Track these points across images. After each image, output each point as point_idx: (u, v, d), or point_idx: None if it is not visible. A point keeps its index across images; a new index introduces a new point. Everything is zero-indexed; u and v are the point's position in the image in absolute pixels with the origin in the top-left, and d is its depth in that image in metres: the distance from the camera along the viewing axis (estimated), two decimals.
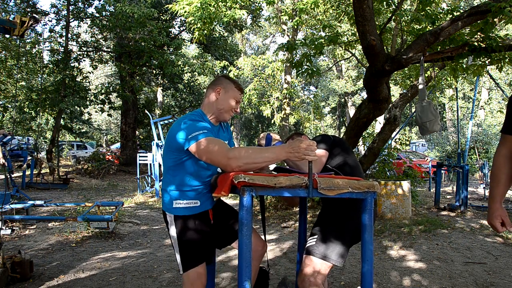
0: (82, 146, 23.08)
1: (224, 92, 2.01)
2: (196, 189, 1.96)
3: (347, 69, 28.79)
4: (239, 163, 1.67)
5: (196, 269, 1.94)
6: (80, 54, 15.83)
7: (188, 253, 1.93)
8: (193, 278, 1.93)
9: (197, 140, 1.77)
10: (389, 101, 5.33)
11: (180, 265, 1.95)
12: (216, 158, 1.73)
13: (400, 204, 6.16)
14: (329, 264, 2.00)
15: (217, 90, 2.01)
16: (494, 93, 25.75)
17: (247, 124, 35.60)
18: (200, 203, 1.97)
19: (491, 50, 3.96)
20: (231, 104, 2.02)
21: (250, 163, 1.68)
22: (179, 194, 1.94)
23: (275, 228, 5.77)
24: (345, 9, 6.74)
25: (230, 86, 2.03)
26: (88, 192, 10.41)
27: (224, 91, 2.01)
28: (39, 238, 5.02)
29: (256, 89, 12.90)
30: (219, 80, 2.06)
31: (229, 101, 2.01)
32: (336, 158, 2.18)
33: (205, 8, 5.82)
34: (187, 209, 1.95)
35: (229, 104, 2.02)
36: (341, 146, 2.23)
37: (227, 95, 2.01)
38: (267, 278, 2.32)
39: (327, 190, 1.65)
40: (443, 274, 3.61)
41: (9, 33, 3.33)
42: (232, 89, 2.02)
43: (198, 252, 1.95)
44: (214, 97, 2.01)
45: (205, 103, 2.05)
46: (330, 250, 2.00)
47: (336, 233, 2.03)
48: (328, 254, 1.99)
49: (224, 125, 2.17)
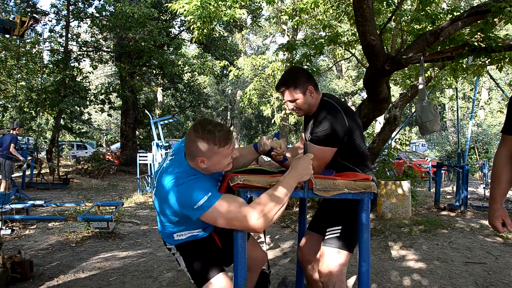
0: (82, 146, 23.09)
1: (208, 160, 1.63)
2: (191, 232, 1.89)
3: (347, 69, 28.82)
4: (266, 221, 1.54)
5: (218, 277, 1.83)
6: (80, 54, 15.82)
7: (198, 268, 1.85)
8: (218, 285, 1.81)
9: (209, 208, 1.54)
10: (389, 101, 5.33)
11: (194, 284, 1.88)
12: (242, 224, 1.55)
13: (400, 204, 6.16)
14: (351, 254, 2.03)
15: (199, 160, 1.63)
16: (494, 93, 25.76)
17: (247, 124, 35.61)
18: (202, 230, 1.89)
19: (491, 50, 3.96)
20: (222, 165, 1.68)
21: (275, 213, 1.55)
22: (181, 229, 1.85)
23: (275, 228, 5.77)
24: (345, 9, 6.74)
25: (211, 150, 1.60)
26: (88, 192, 10.41)
27: (208, 160, 1.63)
28: (39, 238, 5.02)
29: (256, 89, 12.89)
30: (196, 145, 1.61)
31: (217, 166, 1.67)
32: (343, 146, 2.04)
33: (205, 7, 5.81)
34: (190, 237, 1.87)
35: (221, 166, 1.68)
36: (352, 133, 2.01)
37: (212, 161, 1.63)
38: (267, 281, 2.32)
39: (322, 191, 1.66)
40: (443, 274, 3.61)
41: (9, 33, 3.34)
42: (214, 152, 1.61)
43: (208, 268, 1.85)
44: (200, 166, 1.66)
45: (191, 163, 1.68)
46: (354, 240, 2.00)
47: (355, 224, 1.94)
48: (353, 244, 2.00)
49: None
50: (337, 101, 2.10)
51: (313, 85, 2.06)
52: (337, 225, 2.03)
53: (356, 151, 2.05)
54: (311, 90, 2.05)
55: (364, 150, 2.11)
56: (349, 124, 1.97)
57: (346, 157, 2.06)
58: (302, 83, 2.05)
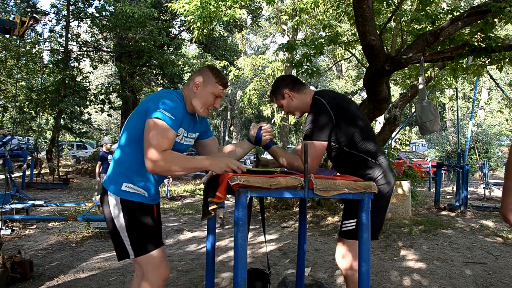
0: (82, 146, 23.09)
1: (203, 86, 1.84)
2: (146, 181, 1.83)
3: (347, 69, 28.81)
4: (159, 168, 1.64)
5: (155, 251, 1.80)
6: (80, 54, 15.83)
7: (141, 238, 1.79)
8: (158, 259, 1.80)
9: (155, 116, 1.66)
10: (389, 101, 5.33)
11: (131, 250, 1.78)
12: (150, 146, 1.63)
13: (400, 204, 6.16)
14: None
15: (196, 82, 1.84)
16: (494, 93, 25.76)
17: (247, 124, 35.59)
18: (147, 195, 1.84)
19: (491, 50, 3.96)
20: (208, 100, 1.86)
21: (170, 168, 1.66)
22: (131, 178, 1.79)
23: (275, 228, 5.76)
24: (345, 9, 6.74)
25: (211, 80, 1.85)
26: (88, 192, 10.41)
27: (203, 86, 1.84)
28: (39, 238, 5.02)
29: (256, 89, 12.89)
30: (202, 71, 1.88)
31: (206, 97, 1.85)
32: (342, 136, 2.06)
33: (205, 7, 5.81)
34: (134, 195, 1.79)
35: (206, 100, 1.85)
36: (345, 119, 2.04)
37: (205, 89, 1.84)
38: (267, 281, 2.32)
39: (323, 191, 1.66)
40: (443, 274, 3.61)
41: (9, 33, 3.33)
42: (212, 83, 1.84)
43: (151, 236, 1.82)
44: (192, 89, 1.85)
45: (185, 88, 1.89)
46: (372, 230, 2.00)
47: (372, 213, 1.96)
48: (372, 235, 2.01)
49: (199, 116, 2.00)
50: (329, 95, 2.13)
51: (289, 88, 2.18)
52: (352, 218, 2.09)
53: (358, 138, 2.07)
54: (288, 93, 2.18)
55: (367, 135, 2.11)
56: (335, 115, 2.01)
57: (351, 146, 2.08)
58: (278, 90, 2.22)
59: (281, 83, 2.22)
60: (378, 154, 2.12)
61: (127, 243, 1.78)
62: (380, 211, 2.13)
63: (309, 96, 2.16)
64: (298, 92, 2.17)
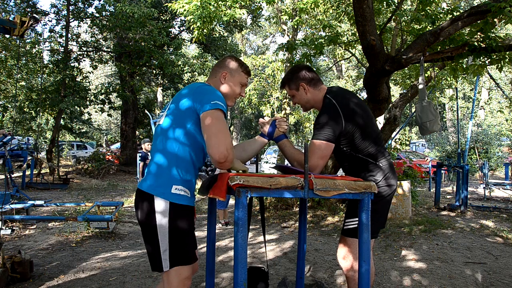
0: (82, 146, 23.09)
1: (230, 76, 1.89)
2: (191, 177, 1.74)
3: (347, 69, 28.82)
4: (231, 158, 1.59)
5: (188, 267, 1.69)
6: (80, 54, 15.83)
7: (181, 248, 1.67)
8: (184, 276, 1.67)
9: (216, 108, 1.62)
10: (389, 101, 5.34)
11: (167, 260, 1.64)
12: (217, 141, 1.56)
13: (400, 204, 6.16)
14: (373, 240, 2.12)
15: (223, 74, 1.88)
16: (494, 93, 25.75)
17: (247, 124, 35.62)
18: (190, 194, 1.73)
19: (491, 50, 3.96)
20: (236, 90, 1.91)
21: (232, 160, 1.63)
22: (181, 179, 1.68)
23: (275, 228, 5.77)
24: (345, 9, 6.74)
25: (237, 70, 1.90)
26: (88, 192, 10.41)
27: (230, 76, 1.89)
28: (39, 238, 5.02)
29: (256, 89, 12.90)
30: (226, 62, 1.92)
31: (234, 87, 1.90)
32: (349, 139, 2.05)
33: (205, 7, 5.82)
34: (183, 198, 1.68)
35: (234, 91, 1.91)
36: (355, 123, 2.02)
37: (233, 80, 1.89)
38: (266, 279, 2.31)
39: (323, 191, 1.66)
40: (443, 274, 3.61)
41: (9, 33, 3.33)
42: (238, 73, 1.91)
43: (190, 247, 1.72)
44: (219, 81, 1.88)
45: (211, 81, 1.91)
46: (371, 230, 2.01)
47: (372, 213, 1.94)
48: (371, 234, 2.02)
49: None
50: (342, 95, 2.11)
51: (306, 82, 2.14)
52: (356, 216, 2.08)
53: (363, 141, 2.06)
54: (304, 86, 2.14)
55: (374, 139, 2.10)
56: (345, 118, 2.00)
57: (355, 149, 2.07)
58: (295, 80, 2.17)
59: (299, 74, 2.16)
60: (379, 156, 2.11)
61: (164, 251, 1.65)
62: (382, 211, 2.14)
63: (322, 93, 2.15)
64: (314, 88, 2.16)
